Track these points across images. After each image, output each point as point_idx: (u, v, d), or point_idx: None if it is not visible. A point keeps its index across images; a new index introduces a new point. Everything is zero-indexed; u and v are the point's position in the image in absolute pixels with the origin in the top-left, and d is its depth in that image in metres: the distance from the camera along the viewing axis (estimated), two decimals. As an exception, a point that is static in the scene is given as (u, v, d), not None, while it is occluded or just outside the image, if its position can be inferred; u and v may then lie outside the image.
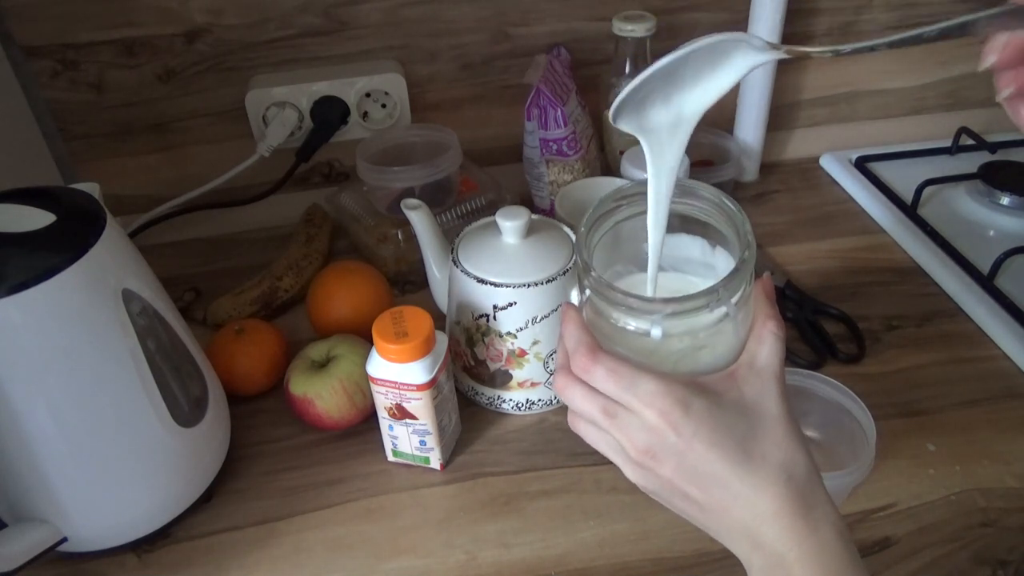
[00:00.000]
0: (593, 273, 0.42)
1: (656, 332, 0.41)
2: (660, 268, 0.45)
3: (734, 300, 0.41)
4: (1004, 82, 0.34)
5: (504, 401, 0.65)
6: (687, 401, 0.39)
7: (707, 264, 0.47)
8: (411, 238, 0.70)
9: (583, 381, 0.41)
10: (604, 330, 0.43)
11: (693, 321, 0.41)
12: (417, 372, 0.56)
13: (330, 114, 0.83)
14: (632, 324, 0.41)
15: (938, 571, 0.53)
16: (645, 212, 0.44)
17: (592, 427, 0.42)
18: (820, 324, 0.72)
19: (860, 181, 0.92)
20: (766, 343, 0.42)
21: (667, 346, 0.42)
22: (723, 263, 0.46)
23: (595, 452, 0.43)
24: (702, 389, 0.40)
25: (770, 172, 0.97)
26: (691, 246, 0.46)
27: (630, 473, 0.41)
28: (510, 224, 0.61)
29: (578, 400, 0.41)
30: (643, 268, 0.46)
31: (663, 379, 0.39)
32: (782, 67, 0.89)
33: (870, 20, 0.92)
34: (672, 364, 0.41)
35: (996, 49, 0.33)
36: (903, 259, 0.82)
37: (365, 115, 0.86)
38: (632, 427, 0.40)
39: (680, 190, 0.45)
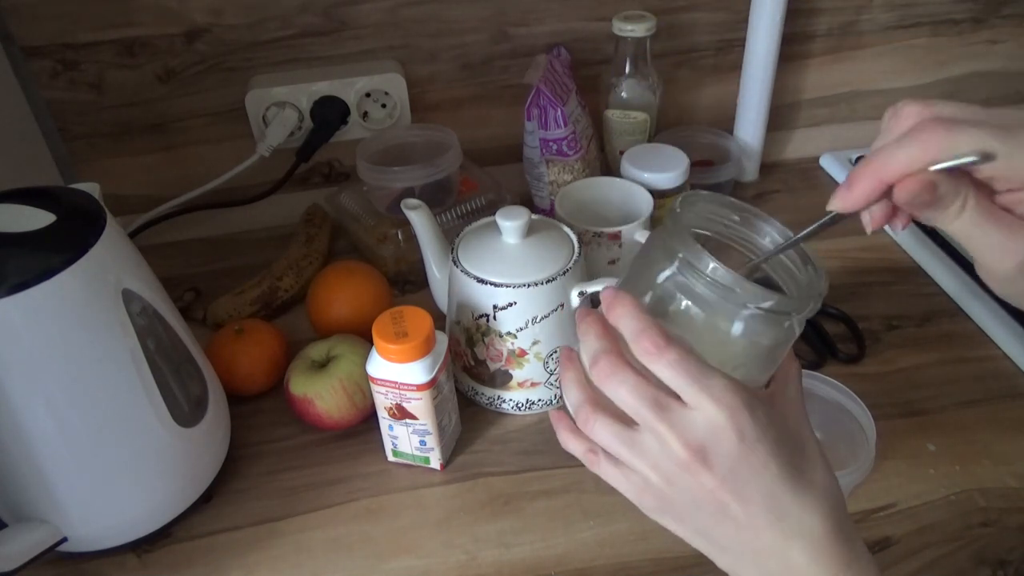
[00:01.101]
0: (697, 246, 0.39)
1: (738, 328, 0.40)
2: None
3: (800, 320, 0.41)
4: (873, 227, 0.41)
5: (504, 401, 0.65)
6: (754, 405, 0.37)
7: None
8: (411, 238, 0.70)
9: (633, 369, 0.38)
10: (671, 316, 0.40)
11: (768, 329, 0.40)
12: (417, 372, 0.56)
13: (330, 114, 0.83)
14: (712, 313, 0.39)
15: (938, 571, 0.53)
16: (699, 226, 0.45)
17: (614, 426, 0.39)
18: (820, 324, 0.72)
19: (860, 181, 0.92)
20: (792, 376, 0.42)
21: (733, 347, 0.40)
22: None
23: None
24: (761, 397, 0.38)
25: (770, 172, 0.97)
26: None
27: (659, 478, 0.38)
28: (510, 224, 0.61)
29: (625, 387, 0.37)
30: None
31: (731, 377, 0.37)
32: (782, 67, 0.89)
33: (870, 20, 0.92)
34: (730, 368, 0.39)
35: (867, 223, 0.41)
36: (903, 259, 0.82)
37: (365, 115, 0.86)
38: (688, 423, 0.36)
39: (744, 220, 0.45)
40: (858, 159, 0.96)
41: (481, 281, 0.60)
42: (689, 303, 0.40)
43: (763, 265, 0.44)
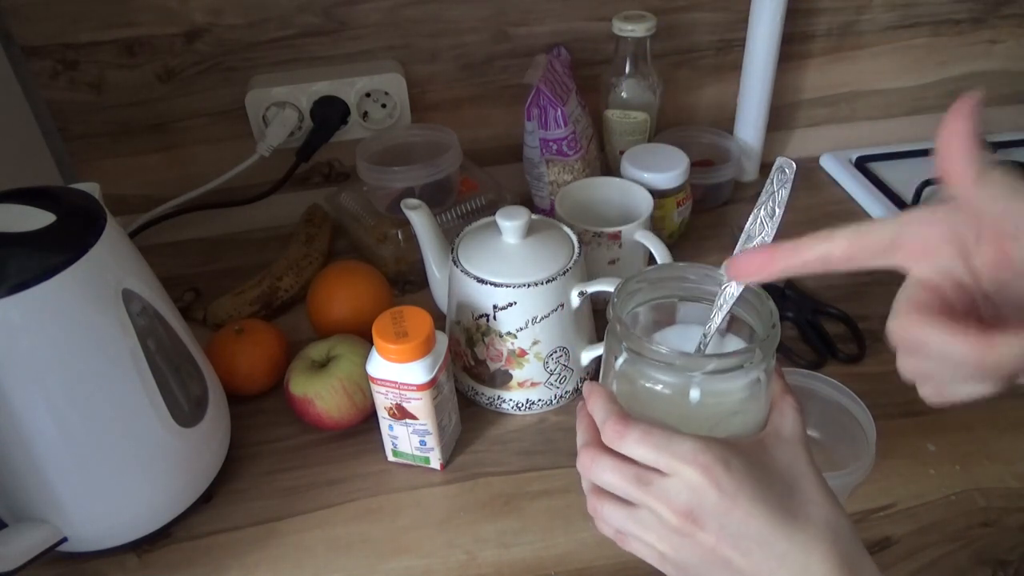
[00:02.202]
0: (633, 332, 0.42)
1: (695, 393, 0.42)
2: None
3: (764, 367, 0.42)
4: None
5: (504, 401, 0.65)
6: (727, 458, 0.38)
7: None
8: (411, 238, 0.70)
9: (611, 454, 0.40)
10: (639, 396, 0.43)
11: (729, 384, 0.42)
12: (417, 372, 0.56)
13: (330, 114, 0.83)
14: (670, 387, 0.42)
15: (938, 571, 0.53)
16: (664, 297, 0.47)
17: (618, 508, 0.41)
18: (820, 324, 0.72)
19: (860, 181, 0.92)
20: (787, 415, 0.42)
21: (703, 410, 0.42)
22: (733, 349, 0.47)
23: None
24: (738, 449, 0.39)
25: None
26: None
27: (667, 547, 0.40)
28: (510, 224, 0.61)
29: (608, 472, 0.40)
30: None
31: (700, 437, 0.39)
32: (782, 67, 0.89)
33: (870, 20, 0.92)
34: (707, 430, 0.41)
35: None
36: (903, 259, 0.82)
37: (365, 115, 0.86)
38: (670, 490, 0.38)
39: (701, 277, 0.46)
40: (858, 159, 0.96)
41: (481, 281, 0.60)
42: (648, 383, 0.43)
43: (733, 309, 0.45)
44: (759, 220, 0.43)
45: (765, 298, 0.44)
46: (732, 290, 0.43)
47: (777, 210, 0.42)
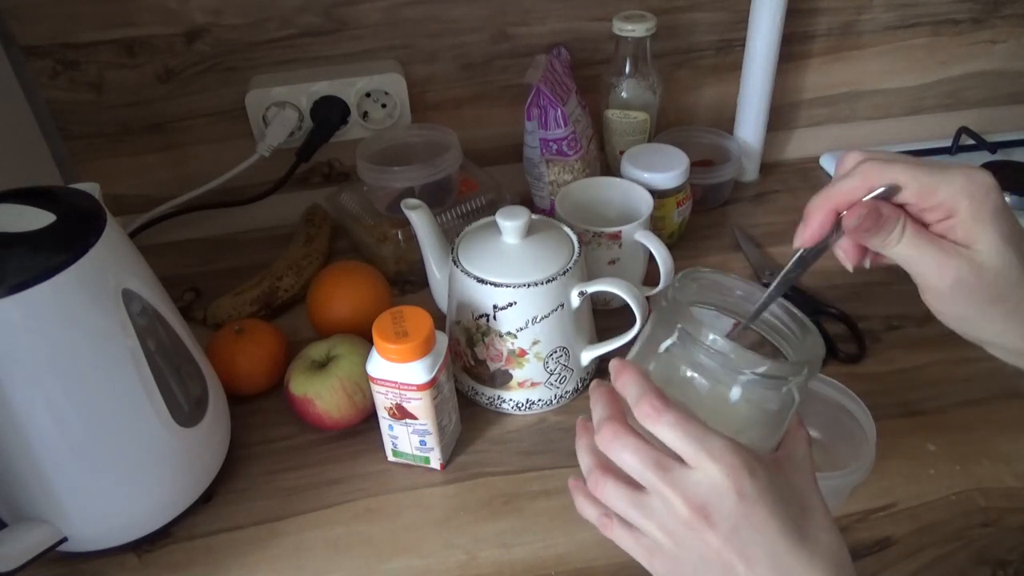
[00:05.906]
0: (694, 317, 0.42)
1: (736, 393, 0.41)
2: None
3: (799, 389, 0.42)
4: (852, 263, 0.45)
5: (504, 401, 0.65)
6: (753, 465, 0.38)
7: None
8: (411, 238, 0.70)
9: (635, 433, 0.40)
10: (673, 382, 0.42)
11: (769, 392, 0.42)
12: (417, 372, 0.56)
13: (330, 114, 0.83)
14: (712, 379, 0.41)
15: (938, 571, 0.53)
16: (704, 303, 0.47)
17: (623, 489, 0.40)
18: (820, 324, 0.72)
19: (860, 181, 0.92)
20: (801, 445, 0.43)
21: (735, 411, 0.42)
22: None
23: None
24: (762, 459, 0.39)
25: (770, 172, 0.97)
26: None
27: (668, 539, 0.39)
28: (510, 224, 0.61)
29: (628, 450, 0.39)
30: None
31: (731, 439, 0.38)
32: (782, 67, 0.89)
33: (870, 20, 0.92)
34: (733, 432, 0.41)
35: (843, 259, 0.45)
36: (903, 259, 0.82)
37: (365, 115, 0.86)
38: (689, 482, 0.38)
39: (748, 294, 0.47)
40: (858, 159, 0.95)
41: (481, 281, 0.60)
42: (689, 371, 0.42)
43: (764, 335, 0.45)
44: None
45: (809, 331, 0.44)
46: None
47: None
